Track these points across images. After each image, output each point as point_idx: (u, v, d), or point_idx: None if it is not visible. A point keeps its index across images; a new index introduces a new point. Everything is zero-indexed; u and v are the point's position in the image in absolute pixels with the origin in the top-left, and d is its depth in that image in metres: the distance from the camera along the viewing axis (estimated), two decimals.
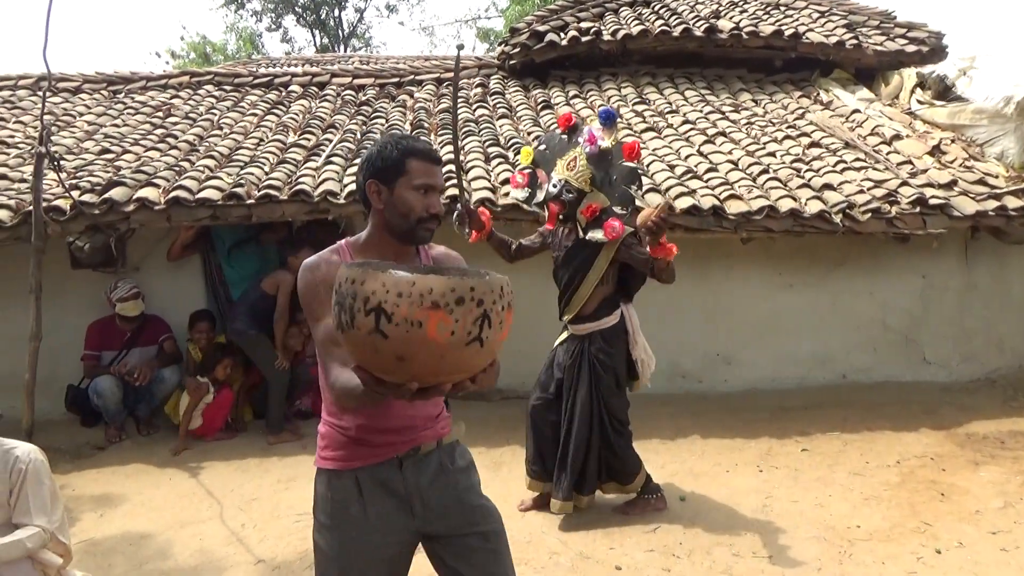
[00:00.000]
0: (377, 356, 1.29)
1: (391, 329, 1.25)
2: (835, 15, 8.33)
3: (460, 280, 1.28)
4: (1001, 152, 5.99)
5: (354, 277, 1.29)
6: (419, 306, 1.25)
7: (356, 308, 1.27)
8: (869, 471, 4.28)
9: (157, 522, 3.80)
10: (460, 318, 1.27)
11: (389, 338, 1.25)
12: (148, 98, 7.61)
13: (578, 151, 3.46)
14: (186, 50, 23.60)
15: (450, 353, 1.28)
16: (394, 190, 1.79)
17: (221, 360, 5.18)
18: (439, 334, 1.26)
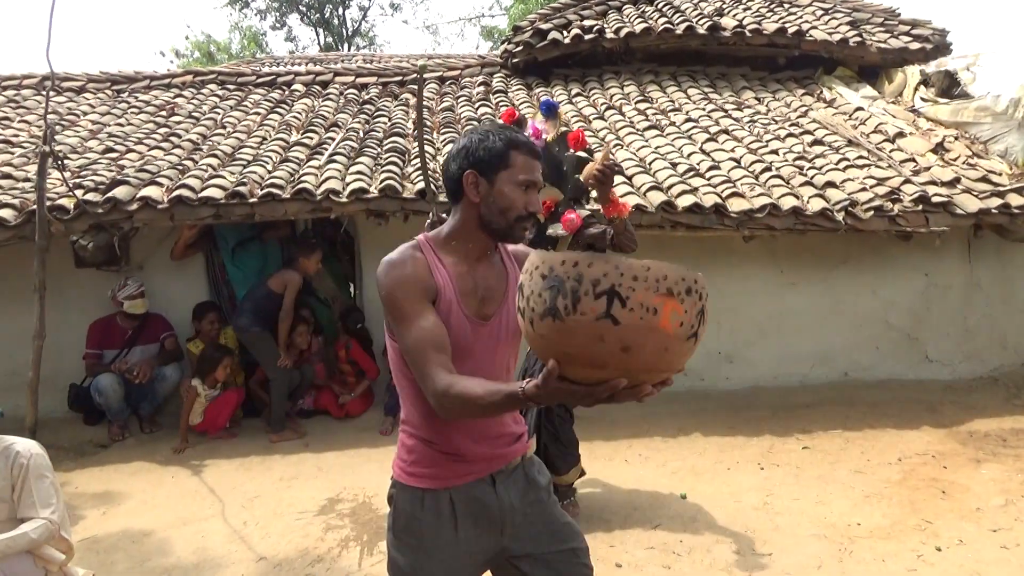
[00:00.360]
0: (599, 345, 1.17)
1: (624, 315, 1.16)
2: (839, 12, 8.30)
3: (687, 271, 1.22)
4: (1005, 150, 5.97)
5: (576, 259, 1.20)
6: (655, 292, 1.17)
7: (582, 291, 1.17)
8: (870, 469, 4.28)
9: (159, 520, 3.82)
10: (688, 309, 1.21)
11: (620, 324, 1.16)
12: (152, 97, 7.63)
13: None
14: (190, 49, 23.66)
15: (673, 346, 1.21)
16: (494, 184, 1.66)
17: (221, 360, 5.19)
18: (671, 323, 1.18)
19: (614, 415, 5.25)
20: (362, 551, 3.42)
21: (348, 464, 4.56)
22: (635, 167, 5.72)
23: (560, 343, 1.20)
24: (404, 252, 1.66)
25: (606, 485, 4.14)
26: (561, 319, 1.18)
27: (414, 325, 1.56)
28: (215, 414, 5.16)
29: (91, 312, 5.46)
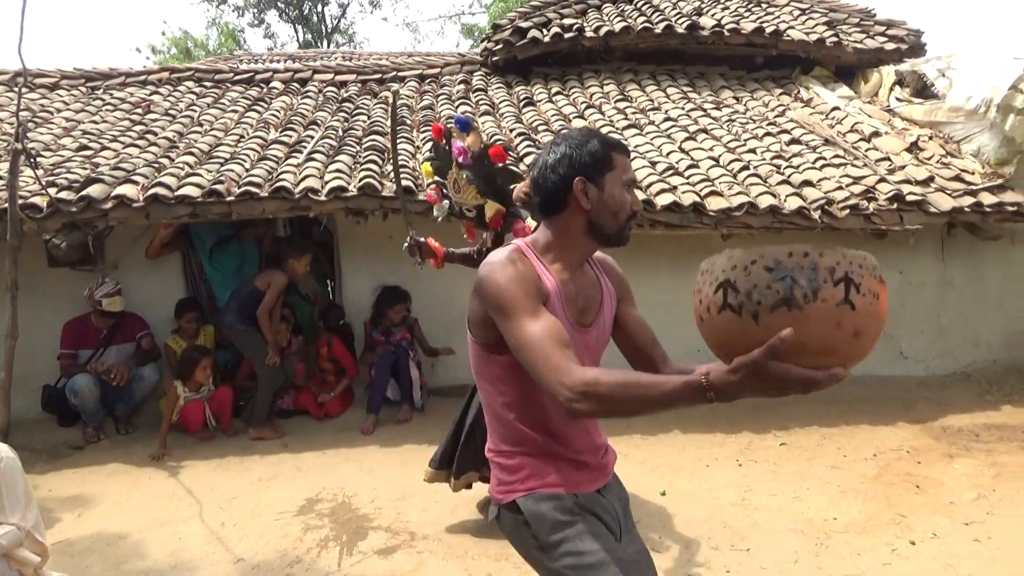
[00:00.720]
0: (837, 331, 1.20)
1: (859, 300, 1.20)
2: (816, 12, 8.38)
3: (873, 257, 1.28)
4: (977, 149, 6.06)
5: (805, 250, 1.23)
6: (875, 279, 1.23)
7: (821, 279, 1.20)
8: (846, 464, 4.33)
9: (135, 522, 3.77)
10: (880, 295, 1.25)
11: (856, 310, 1.20)
12: (127, 94, 7.53)
13: (455, 171, 3.43)
14: (167, 45, 23.40)
15: (879, 332, 1.25)
16: (603, 187, 1.64)
17: (199, 361, 5.16)
18: (886, 308, 1.25)
19: None
20: (341, 551, 3.41)
21: (327, 464, 4.53)
22: None
23: (801, 330, 1.19)
24: (511, 254, 1.62)
25: None
26: (799, 308, 1.19)
27: (533, 320, 1.50)
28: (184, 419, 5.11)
29: (65, 312, 5.39)
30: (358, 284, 6.00)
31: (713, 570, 3.19)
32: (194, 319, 5.51)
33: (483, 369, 1.70)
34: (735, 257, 1.28)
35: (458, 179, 3.41)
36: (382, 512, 3.79)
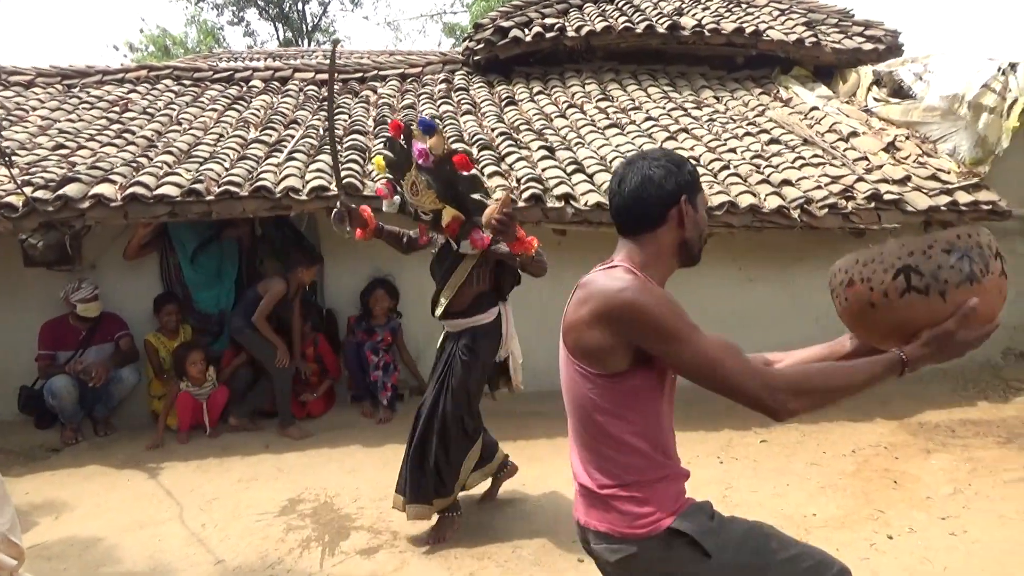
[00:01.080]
0: (999, 297, 1.51)
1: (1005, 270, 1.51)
2: (795, 13, 8.46)
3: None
4: (953, 149, 6.14)
5: (967, 231, 1.50)
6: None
7: (988, 255, 1.48)
8: (825, 461, 4.38)
9: (113, 524, 3.73)
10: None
11: (1006, 278, 1.51)
12: (104, 92, 7.45)
13: (414, 173, 3.33)
14: (145, 43, 23.15)
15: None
16: (697, 208, 1.66)
17: (187, 356, 5.16)
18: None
19: None
20: (323, 552, 3.39)
21: (309, 464, 4.51)
22: (596, 165, 5.76)
23: (982, 299, 1.48)
24: (634, 277, 1.57)
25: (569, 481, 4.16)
26: (979, 281, 1.47)
27: (704, 337, 1.52)
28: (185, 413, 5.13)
29: (42, 312, 5.32)
30: (341, 284, 5.97)
31: None
32: (173, 311, 5.47)
33: (602, 400, 1.62)
34: (908, 244, 1.51)
35: (416, 181, 3.33)
36: (364, 512, 3.78)
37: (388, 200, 3.53)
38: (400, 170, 3.43)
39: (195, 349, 5.26)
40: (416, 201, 3.38)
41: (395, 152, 3.43)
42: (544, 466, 4.38)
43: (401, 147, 3.37)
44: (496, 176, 5.45)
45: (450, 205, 3.31)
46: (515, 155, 5.84)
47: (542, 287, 5.94)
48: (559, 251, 5.91)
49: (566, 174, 5.58)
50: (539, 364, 6.00)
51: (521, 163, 5.69)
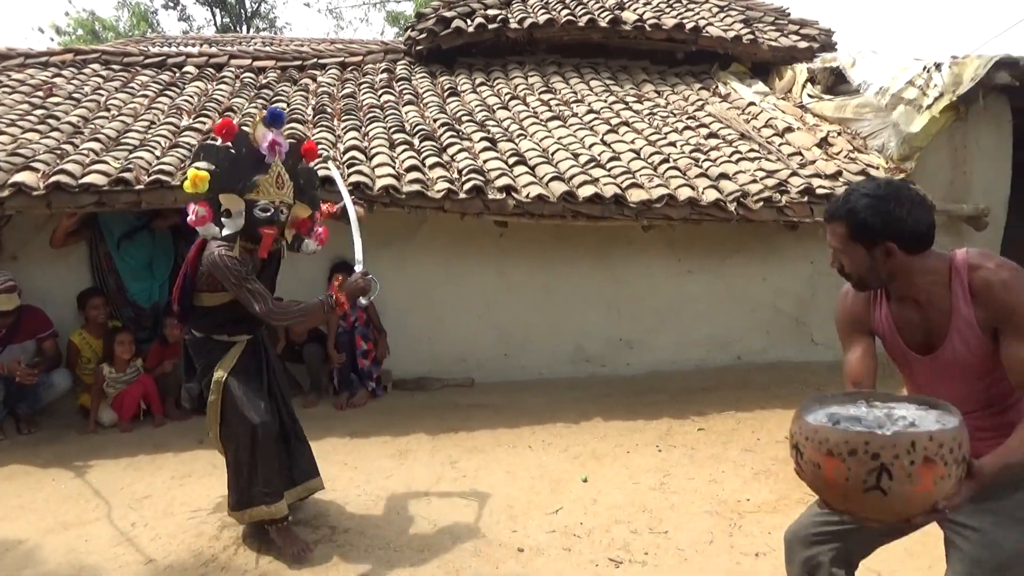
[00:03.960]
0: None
1: (804, 465, 1.57)
2: (733, 10, 8.63)
3: (855, 434, 1.48)
4: (882, 145, 6.36)
5: (797, 415, 1.63)
6: (818, 451, 1.51)
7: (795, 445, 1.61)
8: (760, 447, 4.49)
9: (36, 526, 3.58)
10: (852, 467, 1.46)
11: (803, 473, 1.58)
12: (27, 76, 7.11)
13: (278, 166, 3.09)
14: (72, 26, 22.18)
15: (852, 496, 1.50)
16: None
17: (114, 336, 5.09)
18: (836, 477, 1.49)
19: (520, 404, 5.32)
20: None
21: None
22: (538, 157, 5.77)
23: None
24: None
25: (509, 471, 4.18)
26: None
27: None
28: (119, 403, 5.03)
29: None
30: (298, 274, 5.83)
31: (632, 553, 3.26)
32: (100, 305, 5.26)
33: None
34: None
35: (282, 173, 3.11)
36: (303, 506, 3.71)
37: (206, 224, 3.03)
38: (228, 181, 3.01)
39: (125, 331, 5.22)
40: (282, 196, 3.10)
41: (219, 161, 3.00)
42: (484, 457, 4.38)
43: (226, 153, 3.01)
44: (438, 167, 5.41)
45: (300, 200, 3.23)
46: (457, 146, 5.81)
47: (483, 280, 5.97)
48: (501, 243, 5.94)
49: (508, 166, 5.57)
50: (483, 356, 6.02)
51: (463, 154, 5.66)
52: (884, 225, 1.75)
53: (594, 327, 6.15)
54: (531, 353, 6.09)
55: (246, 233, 3.07)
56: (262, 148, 3.02)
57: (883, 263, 1.81)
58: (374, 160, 5.44)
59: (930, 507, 1.50)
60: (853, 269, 1.88)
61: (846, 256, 1.86)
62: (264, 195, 3.05)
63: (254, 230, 3.06)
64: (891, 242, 1.76)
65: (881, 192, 1.77)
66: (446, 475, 4.12)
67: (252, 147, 3.04)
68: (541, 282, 6.04)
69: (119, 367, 5.07)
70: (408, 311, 5.82)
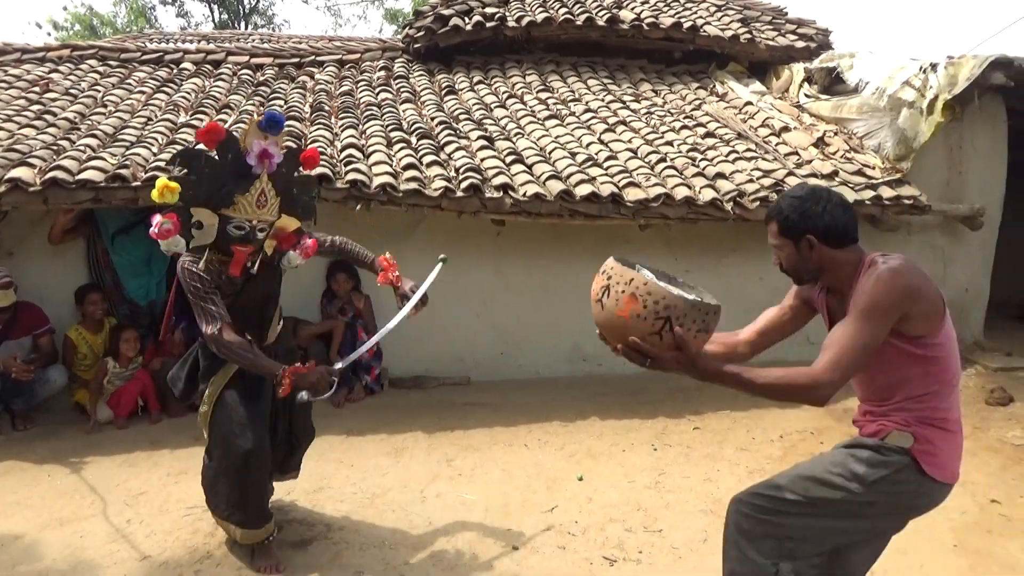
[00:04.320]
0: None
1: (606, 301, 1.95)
2: (731, 10, 8.65)
3: (660, 288, 1.84)
4: (878, 145, 6.38)
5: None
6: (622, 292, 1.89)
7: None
8: (754, 446, 4.51)
9: (32, 522, 3.58)
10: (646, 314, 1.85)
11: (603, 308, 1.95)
12: (24, 72, 7.10)
13: (264, 182, 2.79)
14: (70, 21, 22.16)
15: (632, 330, 1.87)
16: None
17: (120, 335, 5.09)
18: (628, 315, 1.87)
19: (517, 403, 5.34)
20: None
21: None
22: (535, 156, 5.78)
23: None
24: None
25: (505, 469, 4.19)
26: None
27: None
28: (116, 400, 5.02)
29: None
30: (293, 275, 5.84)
31: (627, 551, 3.27)
32: (98, 300, 5.26)
33: None
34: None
35: (267, 191, 2.80)
36: (297, 504, 3.72)
37: (170, 238, 2.75)
38: (204, 191, 2.73)
39: (131, 328, 5.22)
40: (260, 215, 2.80)
41: (197, 169, 2.73)
42: (481, 455, 4.39)
43: (214, 161, 2.76)
44: (435, 166, 5.41)
45: (288, 213, 2.95)
46: (454, 144, 5.81)
47: (481, 278, 5.98)
48: (498, 241, 5.94)
49: (505, 164, 5.58)
50: (480, 355, 6.03)
51: (460, 153, 5.66)
52: (803, 220, 2.04)
53: (591, 326, 6.11)
54: (528, 352, 6.10)
55: (218, 247, 2.84)
56: (250, 158, 2.73)
57: (808, 255, 2.07)
58: (371, 158, 5.44)
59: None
60: (788, 263, 2.14)
61: (781, 251, 2.13)
62: (241, 213, 2.76)
63: (226, 246, 2.81)
64: (811, 235, 2.03)
65: (803, 194, 2.08)
66: (442, 473, 4.13)
67: (239, 155, 2.74)
68: (538, 281, 6.05)
69: (122, 363, 5.08)
70: None
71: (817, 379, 1.87)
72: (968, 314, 6.70)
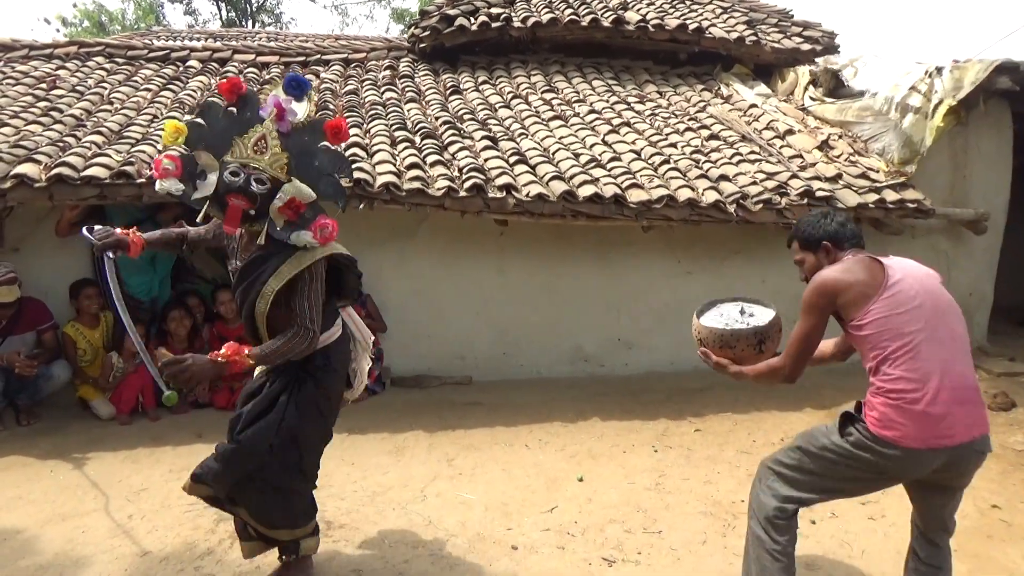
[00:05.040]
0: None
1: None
2: (737, 11, 8.63)
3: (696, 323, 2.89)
4: (883, 148, 6.36)
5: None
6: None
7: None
8: (755, 449, 4.51)
9: (34, 516, 3.60)
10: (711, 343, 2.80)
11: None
12: (31, 68, 7.12)
13: (266, 127, 2.58)
14: (79, 17, 22.24)
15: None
16: None
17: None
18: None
19: (517, 403, 5.34)
20: None
21: None
22: (539, 156, 5.79)
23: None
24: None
25: (506, 469, 4.20)
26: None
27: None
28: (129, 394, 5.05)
29: None
30: None
31: (626, 552, 3.28)
32: (93, 294, 5.26)
33: None
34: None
35: (268, 136, 2.56)
36: None
37: (169, 178, 2.61)
38: (215, 142, 2.60)
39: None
40: (258, 160, 2.54)
41: (213, 119, 2.61)
42: (481, 455, 4.40)
43: (229, 111, 2.62)
44: (439, 165, 5.42)
45: (299, 179, 2.61)
46: (458, 144, 5.82)
47: (483, 278, 5.98)
48: (500, 241, 5.95)
49: (508, 165, 5.58)
50: (482, 354, 6.04)
51: (464, 152, 5.67)
52: (818, 231, 2.57)
53: (593, 327, 6.16)
54: (529, 352, 6.10)
55: (213, 201, 2.62)
56: (263, 109, 2.57)
57: (826, 261, 2.54)
58: (375, 157, 5.45)
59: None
60: (809, 274, 2.56)
61: (804, 264, 2.62)
62: (235, 156, 2.55)
63: (221, 197, 2.57)
64: (827, 242, 2.54)
65: (814, 218, 2.65)
66: (442, 472, 4.14)
67: (257, 113, 2.60)
68: (540, 281, 6.05)
69: (126, 357, 5.09)
70: (407, 308, 5.84)
71: (776, 366, 2.53)
72: (971, 319, 6.68)
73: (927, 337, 2.26)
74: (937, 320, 2.31)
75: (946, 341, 2.29)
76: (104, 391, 5.10)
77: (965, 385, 2.26)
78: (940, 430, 2.21)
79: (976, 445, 2.27)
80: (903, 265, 2.43)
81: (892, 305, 2.29)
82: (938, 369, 2.24)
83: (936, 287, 2.42)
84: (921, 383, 2.22)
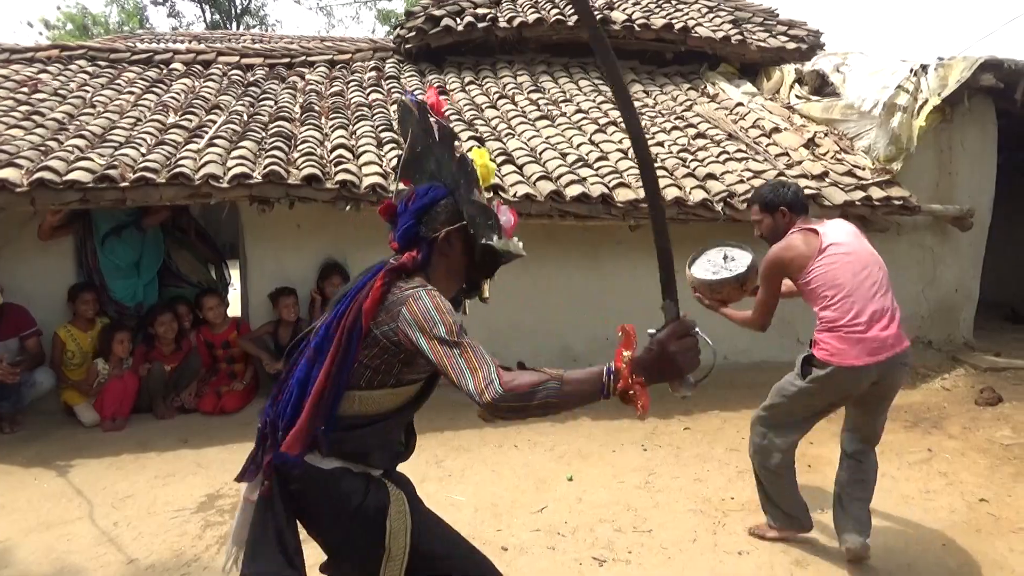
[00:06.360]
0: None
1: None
2: (722, 11, 8.65)
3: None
4: (868, 146, 6.39)
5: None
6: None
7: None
8: (744, 446, 4.44)
9: (17, 525, 3.55)
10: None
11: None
12: (12, 72, 7.04)
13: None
14: (62, 20, 22.08)
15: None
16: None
17: (114, 335, 5.10)
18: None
19: None
20: None
21: (230, 459, 4.38)
22: (526, 156, 5.78)
23: None
24: None
25: (495, 470, 4.18)
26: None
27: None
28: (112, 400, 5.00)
29: None
30: (264, 273, 5.81)
31: (616, 552, 3.27)
32: (91, 300, 5.24)
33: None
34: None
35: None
36: None
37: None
38: (425, 165, 1.98)
39: (125, 329, 5.23)
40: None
41: (422, 136, 1.98)
42: (470, 456, 4.39)
43: (428, 124, 1.97)
44: None
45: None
46: None
47: None
48: None
49: (495, 165, 5.57)
50: None
51: None
52: (777, 198, 3.12)
53: (581, 326, 6.15)
54: (517, 351, 6.05)
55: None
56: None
57: (781, 222, 3.12)
58: (361, 159, 5.43)
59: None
60: (766, 231, 3.17)
61: (762, 224, 3.18)
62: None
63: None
64: (783, 207, 3.10)
65: (774, 183, 3.27)
66: (431, 474, 4.12)
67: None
68: (528, 281, 6.03)
69: (113, 364, 5.06)
70: None
71: (751, 319, 3.21)
72: (957, 314, 6.73)
73: (856, 282, 2.91)
74: (860, 268, 2.94)
75: (869, 283, 2.92)
76: (87, 396, 5.04)
77: (887, 315, 2.90)
78: (873, 349, 2.85)
79: (899, 358, 2.91)
80: (835, 229, 3.04)
81: (827, 263, 2.94)
82: (867, 305, 2.88)
83: (860, 243, 3.03)
84: (855, 316, 2.87)
